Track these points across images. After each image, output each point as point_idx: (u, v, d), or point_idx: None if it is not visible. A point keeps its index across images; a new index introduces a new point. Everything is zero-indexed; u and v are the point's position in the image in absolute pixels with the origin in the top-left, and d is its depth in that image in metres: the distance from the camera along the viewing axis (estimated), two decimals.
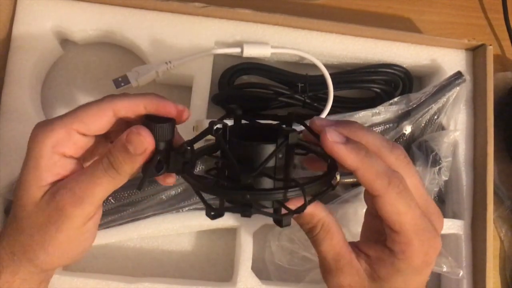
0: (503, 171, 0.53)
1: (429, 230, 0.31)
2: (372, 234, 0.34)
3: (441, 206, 0.50)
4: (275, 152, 0.29)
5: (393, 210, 0.29)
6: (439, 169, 0.45)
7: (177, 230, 0.45)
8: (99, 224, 0.33)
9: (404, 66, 0.49)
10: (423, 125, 0.47)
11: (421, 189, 0.32)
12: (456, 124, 0.49)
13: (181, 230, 0.46)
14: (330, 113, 0.46)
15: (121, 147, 0.29)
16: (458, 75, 0.47)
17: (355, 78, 0.49)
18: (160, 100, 0.32)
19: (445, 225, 0.46)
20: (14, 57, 0.44)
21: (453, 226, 0.47)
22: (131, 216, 0.43)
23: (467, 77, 0.47)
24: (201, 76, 0.46)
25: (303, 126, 0.33)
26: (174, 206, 0.43)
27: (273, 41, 0.47)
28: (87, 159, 0.34)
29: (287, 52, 0.48)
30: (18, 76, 0.44)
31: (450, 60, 0.50)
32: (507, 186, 0.53)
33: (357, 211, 0.43)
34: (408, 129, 0.46)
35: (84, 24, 0.46)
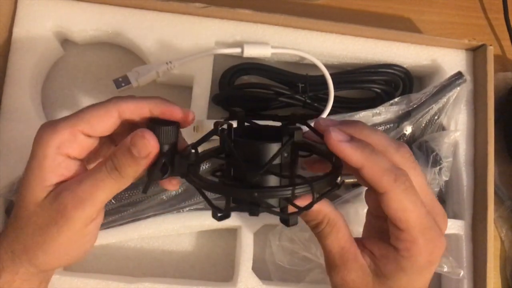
0: (503, 171, 0.53)
1: (435, 229, 0.31)
2: (374, 234, 0.34)
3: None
4: (281, 150, 0.29)
5: (399, 207, 0.29)
6: (440, 169, 0.45)
7: (178, 230, 0.45)
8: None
9: (404, 66, 0.49)
10: (423, 125, 0.47)
11: (426, 189, 0.32)
12: (457, 124, 0.49)
13: (182, 230, 0.46)
14: (331, 113, 0.46)
15: (125, 150, 0.29)
16: (459, 75, 0.47)
17: (355, 78, 0.49)
18: (166, 103, 0.32)
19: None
20: (14, 58, 0.44)
21: (453, 226, 0.47)
22: (132, 216, 0.43)
23: (468, 77, 0.47)
24: (201, 76, 0.46)
25: (306, 127, 0.33)
26: (175, 207, 0.43)
27: (273, 41, 0.47)
28: (91, 160, 0.34)
29: (288, 52, 0.48)
30: (19, 76, 0.44)
31: (451, 60, 0.50)
32: (508, 186, 0.53)
33: (358, 211, 0.42)
34: (408, 130, 0.46)
35: (84, 24, 0.46)
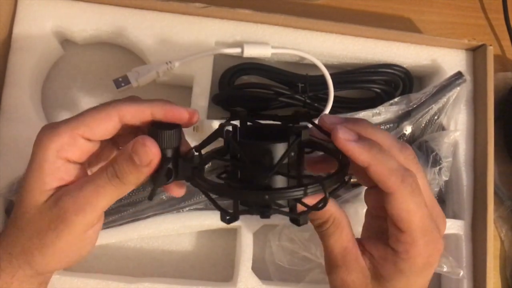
0: (503, 171, 0.53)
1: (434, 231, 0.31)
2: (373, 234, 0.34)
3: (441, 206, 0.49)
4: (289, 150, 0.29)
5: (403, 207, 0.29)
6: (440, 169, 0.45)
7: (178, 230, 0.45)
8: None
9: (404, 66, 0.49)
10: (423, 125, 0.47)
11: (428, 191, 0.32)
12: (457, 124, 0.49)
13: (182, 230, 0.46)
14: (331, 113, 0.46)
15: (127, 157, 0.29)
16: (458, 75, 0.47)
17: (355, 78, 0.49)
18: (168, 105, 0.31)
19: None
20: (14, 58, 0.44)
21: (453, 226, 0.47)
22: (132, 216, 0.43)
23: (467, 77, 0.47)
24: (201, 76, 0.46)
25: (310, 124, 0.32)
26: (175, 206, 0.43)
27: (273, 41, 0.47)
28: (93, 163, 0.34)
29: (288, 52, 0.48)
30: (19, 76, 0.44)
31: (450, 60, 0.50)
32: (508, 186, 0.53)
33: (358, 211, 0.43)
34: (408, 129, 0.46)
35: (84, 24, 0.46)
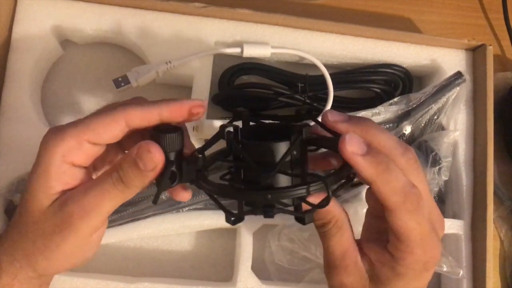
0: (503, 171, 0.53)
1: (433, 240, 0.30)
2: (372, 234, 0.34)
3: (441, 206, 0.50)
4: (291, 148, 0.29)
5: (402, 225, 0.29)
6: (439, 169, 0.45)
7: (177, 230, 0.45)
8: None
9: (404, 66, 0.49)
10: (423, 125, 0.47)
11: (428, 195, 0.31)
12: (456, 124, 0.49)
13: (181, 230, 0.46)
14: None
15: (131, 163, 0.29)
16: (458, 75, 0.47)
17: (355, 78, 0.49)
18: (173, 103, 0.31)
19: (445, 225, 0.47)
20: (14, 57, 0.44)
21: (453, 226, 0.47)
22: (131, 216, 0.43)
23: (467, 77, 0.47)
24: (201, 76, 0.46)
25: (314, 122, 0.32)
26: (174, 206, 0.43)
27: (273, 41, 0.47)
28: (98, 166, 0.34)
29: (287, 52, 0.48)
30: (18, 76, 0.44)
31: (450, 60, 0.50)
32: (507, 186, 0.53)
33: (357, 211, 0.42)
34: (408, 129, 0.46)
35: (84, 24, 0.46)
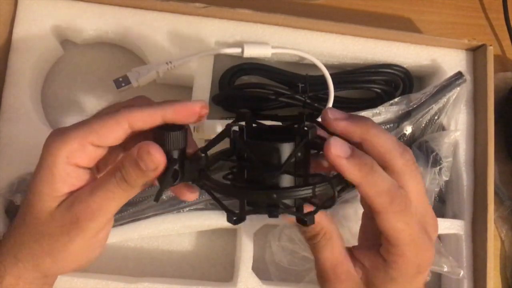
0: (503, 171, 0.53)
1: (424, 243, 0.31)
2: (369, 236, 0.34)
3: (441, 206, 0.50)
4: (296, 150, 0.29)
5: (390, 227, 0.29)
6: (440, 169, 0.45)
7: (178, 230, 0.45)
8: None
9: (404, 66, 0.49)
10: (423, 125, 0.47)
11: (423, 196, 0.31)
12: (457, 124, 0.49)
13: (182, 230, 0.46)
14: None
15: (133, 162, 0.29)
16: (459, 75, 0.47)
17: (355, 78, 0.49)
18: (177, 105, 0.31)
19: (445, 225, 0.47)
20: (14, 57, 0.44)
21: (453, 226, 0.47)
22: (132, 216, 0.43)
23: (468, 77, 0.46)
24: (201, 76, 0.46)
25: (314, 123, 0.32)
26: (175, 206, 0.43)
27: (273, 41, 0.47)
28: (101, 167, 0.34)
29: (287, 52, 0.48)
30: (19, 76, 0.44)
31: (451, 60, 0.50)
32: (508, 186, 0.53)
33: (357, 211, 0.42)
34: (408, 130, 0.46)
35: (84, 24, 0.46)
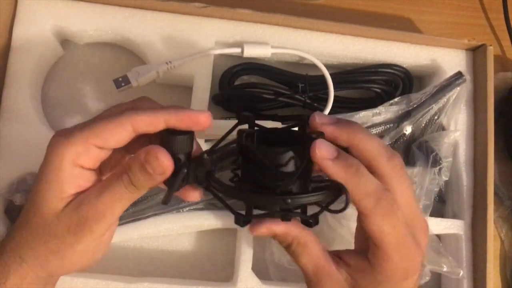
0: (503, 171, 0.53)
1: (411, 247, 0.31)
2: (362, 239, 0.34)
3: (441, 206, 0.50)
4: (307, 156, 0.29)
5: (376, 229, 0.30)
6: (440, 169, 0.45)
7: (178, 230, 0.45)
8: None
9: (404, 66, 0.49)
10: (423, 125, 0.47)
11: (412, 202, 0.31)
12: (457, 124, 0.49)
13: (182, 230, 0.46)
14: (331, 113, 0.46)
15: (140, 167, 0.29)
16: (459, 75, 0.47)
17: (355, 78, 0.49)
18: (181, 112, 0.31)
19: (445, 225, 0.47)
20: (14, 58, 0.44)
21: (453, 226, 0.47)
22: (132, 216, 0.43)
23: (468, 77, 0.47)
24: (201, 76, 0.46)
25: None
26: (175, 206, 0.43)
27: (273, 41, 0.47)
28: (104, 168, 0.34)
29: (287, 52, 0.48)
30: (19, 76, 0.44)
31: (450, 60, 0.50)
32: (508, 186, 0.53)
33: (357, 211, 0.43)
34: (408, 129, 0.46)
35: (84, 24, 0.46)
